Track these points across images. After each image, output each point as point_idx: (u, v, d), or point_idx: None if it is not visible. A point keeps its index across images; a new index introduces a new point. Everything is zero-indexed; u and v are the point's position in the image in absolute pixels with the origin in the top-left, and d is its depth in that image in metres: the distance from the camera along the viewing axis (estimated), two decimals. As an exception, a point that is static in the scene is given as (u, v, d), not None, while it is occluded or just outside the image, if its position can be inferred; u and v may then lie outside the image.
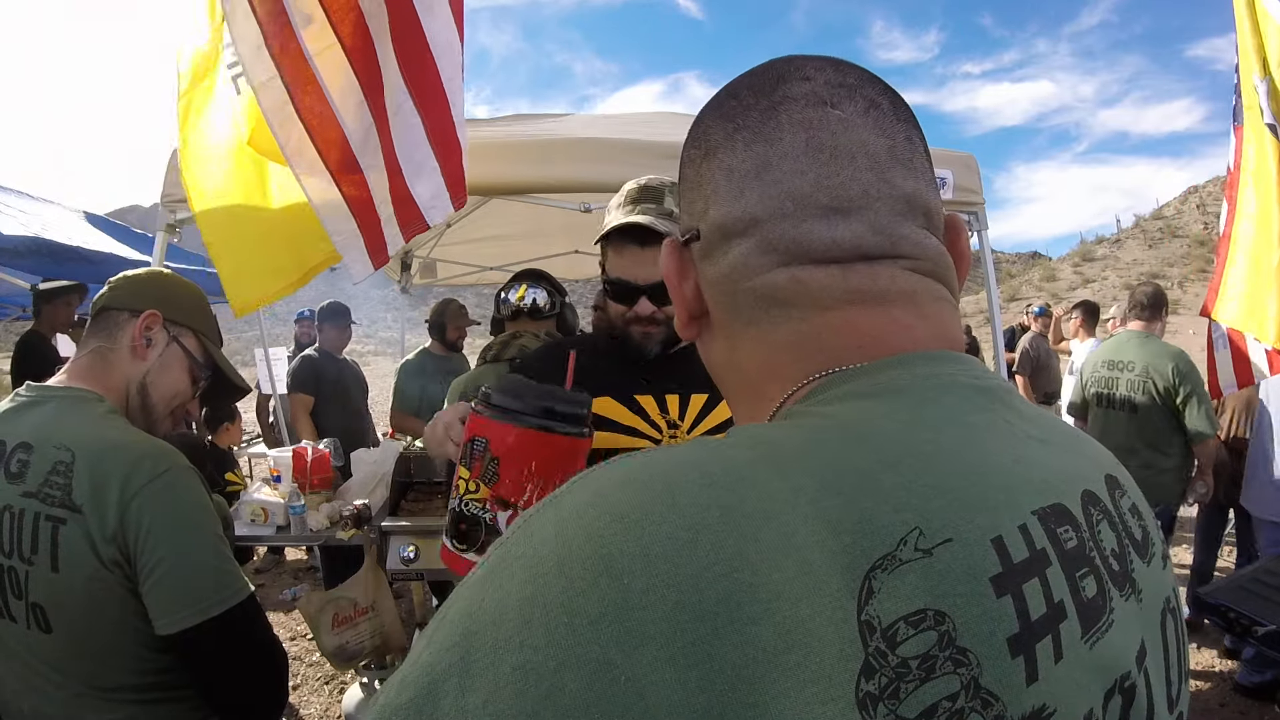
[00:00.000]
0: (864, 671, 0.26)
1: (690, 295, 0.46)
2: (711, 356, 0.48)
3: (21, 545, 0.92)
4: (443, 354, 3.58)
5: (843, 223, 0.40)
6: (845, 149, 0.41)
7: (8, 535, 0.93)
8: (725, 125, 0.43)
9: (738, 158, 0.42)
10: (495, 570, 0.30)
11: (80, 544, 0.91)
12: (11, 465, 0.96)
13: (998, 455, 0.34)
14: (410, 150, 1.71)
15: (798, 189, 0.40)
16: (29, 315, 4.13)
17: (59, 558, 0.92)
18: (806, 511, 0.28)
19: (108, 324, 1.08)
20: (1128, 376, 2.99)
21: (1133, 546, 0.38)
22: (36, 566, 0.92)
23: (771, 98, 0.42)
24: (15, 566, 0.93)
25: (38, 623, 0.93)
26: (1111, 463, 0.42)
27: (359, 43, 1.64)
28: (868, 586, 0.27)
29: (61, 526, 0.92)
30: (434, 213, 1.76)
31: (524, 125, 2.67)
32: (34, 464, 0.95)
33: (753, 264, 0.42)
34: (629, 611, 0.26)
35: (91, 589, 0.92)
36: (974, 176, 2.38)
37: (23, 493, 0.93)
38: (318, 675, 3.16)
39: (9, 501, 0.94)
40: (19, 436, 0.97)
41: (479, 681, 0.26)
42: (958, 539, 0.29)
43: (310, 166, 1.66)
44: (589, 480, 0.32)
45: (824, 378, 0.38)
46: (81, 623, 0.93)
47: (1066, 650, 0.30)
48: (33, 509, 0.93)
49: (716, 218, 0.43)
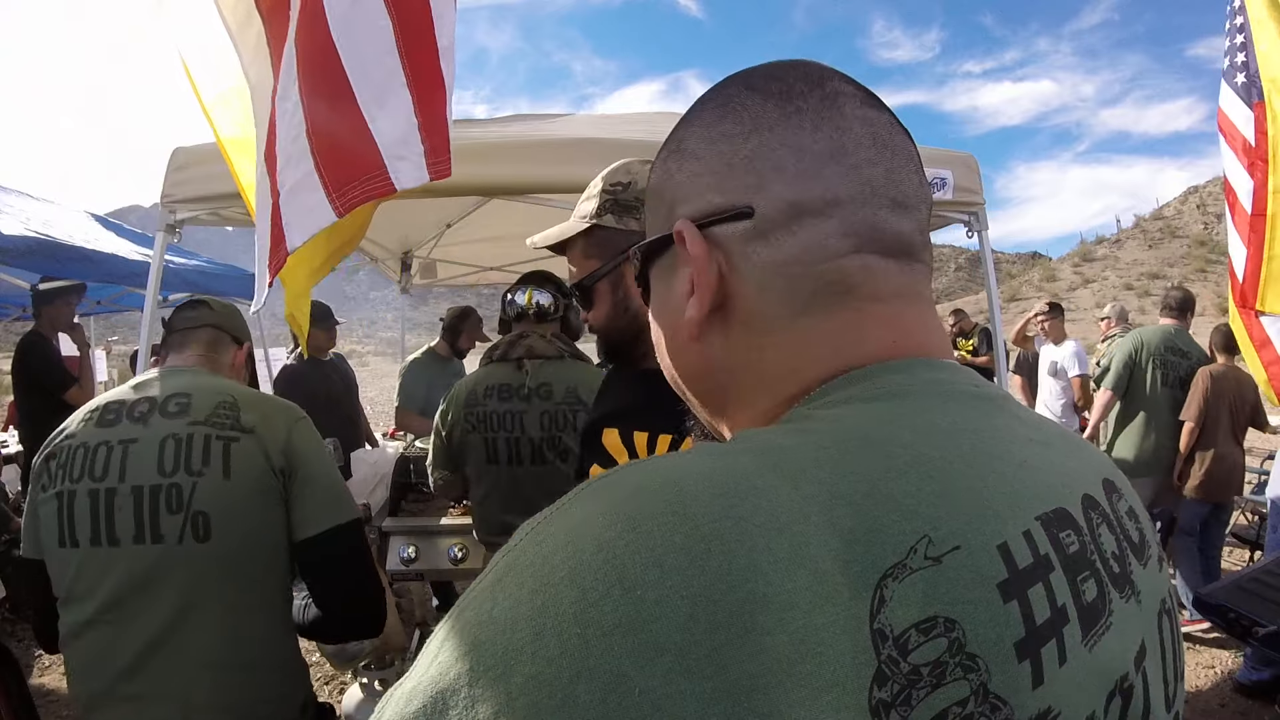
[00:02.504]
0: (877, 679, 0.26)
1: (714, 284, 0.41)
2: (715, 360, 0.43)
3: (191, 461, 1.11)
4: (446, 356, 3.60)
5: (905, 218, 0.42)
6: (900, 150, 0.42)
7: (171, 457, 1.11)
8: (782, 105, 0.41)
9: (807, 138, 0.40)
10: (504, 579, 0.30)
11: (254, 455, 1.14)
12: (170, 407, 1.16)
13: (1002, 460, 0.35)
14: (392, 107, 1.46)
15: (874, 178, 0.41)
16: (29, 315, 4.12)
17: (231, 467, 1.12)
18: (818, 521, 0.29)
19: (215, 342, 1.34)
20: (1186, 363, 3.52)
21: (1131, 549, 0.38)
22: (207, 477, 1.10)
23: (824, 90, 0.42)
24: (178, 482, 1.10)
25: (194, 533, 1.09)
26: (1109, 467, 0.42)
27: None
28: (879, 595, 0.27)
29: (234, 444, 1.13)
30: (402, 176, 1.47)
31: (524, 125, 2.67)
32: (196, 403, 1.16)
33: (832, 246, 0.40)
34: (643, 623, 0.26)
35: (256, 491, 1.13)
36: (974, 176, 2.38)
37: (190, 422, 1.14)
38: (318, 675, 3.16)
39: (173, 430, 1.13)
40: (170, 390, 1.19)
41: (489, 693, 0.26)
42: (965, 546, 0.29)
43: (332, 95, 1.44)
44: (598, 488, 0.32)
45: (834, 379, 0.39)
46: (240, 524, 1.11)
47: (1069, 653, 0.31)
48: (202, 433, 1.13)
49: (786, 193, 0.40)
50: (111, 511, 1.08)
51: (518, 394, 1.92)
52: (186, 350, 1.31)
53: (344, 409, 3.53)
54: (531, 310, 2.01)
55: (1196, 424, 3.32)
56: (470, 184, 1.97)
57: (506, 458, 1.92)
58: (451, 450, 1.99)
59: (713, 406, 0.46)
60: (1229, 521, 3.67)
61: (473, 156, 1.94)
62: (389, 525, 2.35)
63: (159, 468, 1.10)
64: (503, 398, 1.91)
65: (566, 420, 1.89)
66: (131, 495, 1.09)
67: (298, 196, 1.43)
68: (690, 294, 0.42)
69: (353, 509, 1.22)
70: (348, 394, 3.63)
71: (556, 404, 1.90)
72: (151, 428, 1.13)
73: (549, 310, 2.02)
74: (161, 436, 1.12)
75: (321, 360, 3.50)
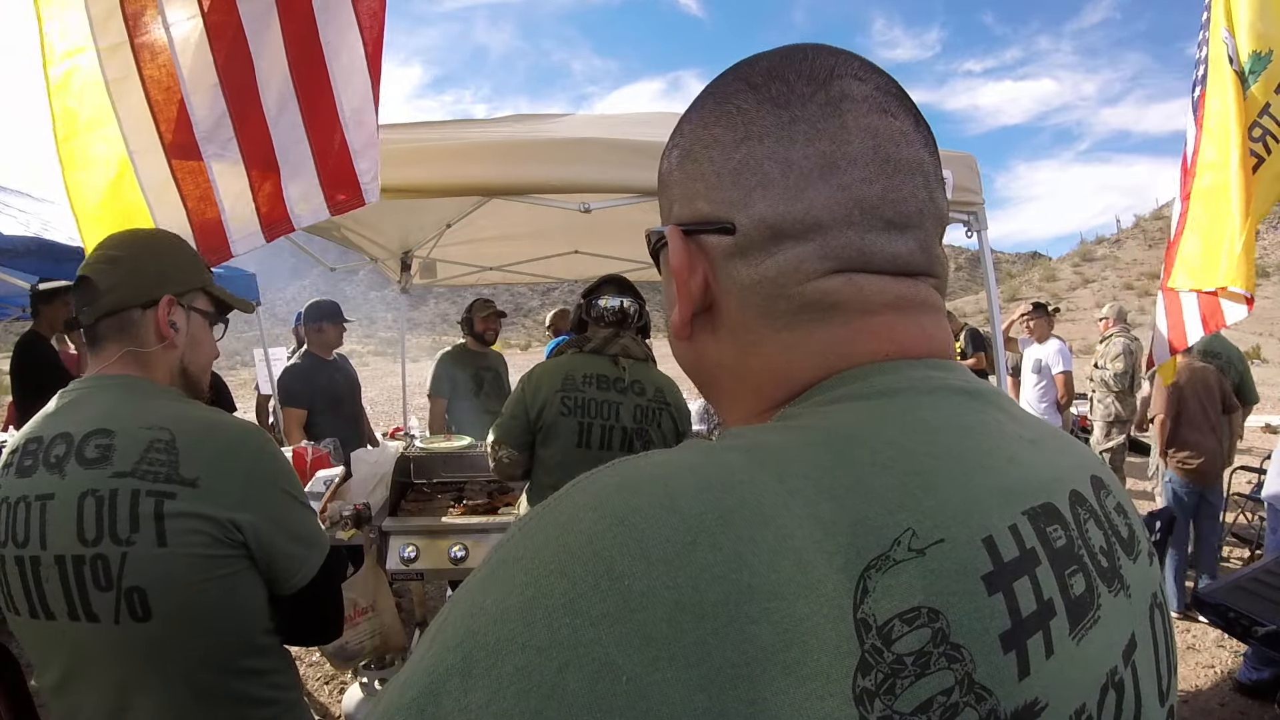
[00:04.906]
0: (860, 668, 0.26)
1: (697, 291, 0.42)
2: (706, 358, 0.45)
3: (116, 527, 0.89)
4: (477, 349, 3.86)
5: (901, 239, 0.40)
6: (907, 164, 0.40)
7: (92, 521, 0.89)
8: (777, 112, 0.39)
9: (798, 151, 0.39)
10: (496, 571, 0.30)
11: (196, 515, 0.91)
12: (89, 451, 0.92)
13: (991, 456, 0.35)
14: (288, 149, 1.61)
15: (866, 198, 0.39)
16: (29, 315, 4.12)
17: (167, 532, 0.89)
18: (802, 514, 0.29)
19: (123, 327, 1.03)
20: (1218, 363, 3.93)
21: (1120, 544, 0.39)
22: (138, 545, 0.89)
23: (828, 92, 0.39)
24: (104, 553, 0.89)
25: (131, 611, 0.90)
26: (1097, 463, 0.43)
27: (222, 20, 1.54)
28: (863, 585, 0.27)
29: (168, 501, 0.90)
30: (302, 216, 1.64)
31: (523, 125, 2.67)
32: (120, 445, 0.92)
33: (808, 268, 0.39)
34: (630, 613, 0.26)
35: (201, 558, 0.91)
36: (974, 176, 2.38)
37: (113, 474, 0.90)
38: (318, 675, 3.16)
39: (92, 485, 0.90)
40: (90, 425, 0.94)
41: (481, 681, 0.26)
42: (949, 539, 0.30)
43: (148, 146, 1.57)
44: (588, 484, 0.33)
45: (824, 380, 0.39)
46: (184, 595, 0.91)
47: (1056, 646, 0.31)
48: (129, 488, 0.90)
49: (767, 214, 0.39)
50: (40, 583, 0.90)
51: (615, 385, 2.01)
52: (102, 351, 1.03)
53: (347, 408, 3.56)
54: (621, 315, 2.07)
55: (1166, 416, 3.67)
56: (470, 184, 1.97)
57: (599, 443, 1.98)
58: (535, 429, 2.02)
59: (711, 398, 0.47)
60: (1217, 505, 3.79)
61: (472, 156, 1.95)
62: (389, 525, 2.35)
63: (79, 534, 0.89)
64: (601, 387, 2.00)
65: (654, 416, 2.02)
66: (56, 566, 0.89)
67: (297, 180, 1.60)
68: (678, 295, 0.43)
69: (323, 540, 1.07)
70: (351, 394, 3.66)
71: (648, 400, 2.02)
72: (68, 480, 0.91)
73: (633, 317, 2.09)
74: (79, 493, 0.90)
75: (325, 360, 3.52)
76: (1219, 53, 2.59)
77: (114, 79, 1.55)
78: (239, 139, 1.61)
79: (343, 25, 1.57)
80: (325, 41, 1.58)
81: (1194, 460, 3.62)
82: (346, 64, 1.59)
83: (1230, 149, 2.54)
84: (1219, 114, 2.61)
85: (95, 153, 1.65)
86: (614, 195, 2.08)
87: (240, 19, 1.55)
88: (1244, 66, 2.54)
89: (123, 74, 1.55)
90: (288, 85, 1.60)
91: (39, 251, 3.24)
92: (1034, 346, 4.72)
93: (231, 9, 1.54)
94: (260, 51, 1.58)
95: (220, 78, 1.57)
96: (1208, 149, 2.67)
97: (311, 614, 1.07)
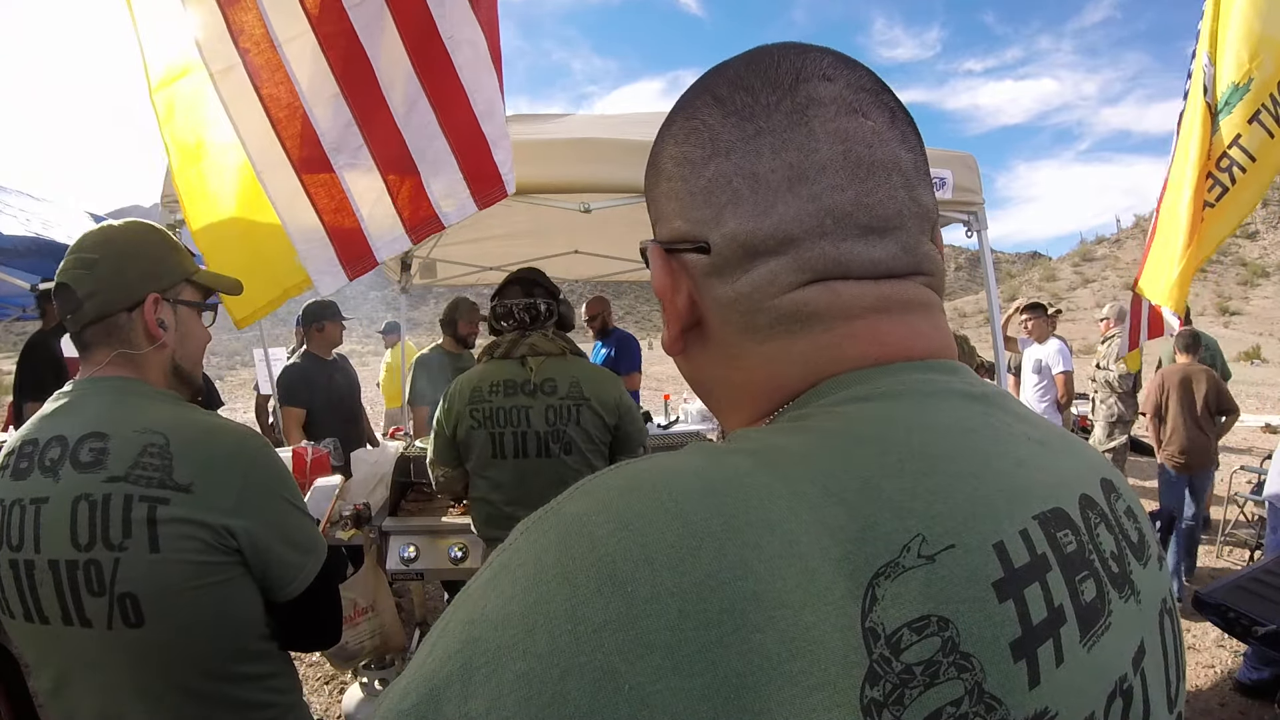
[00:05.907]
0: (868, 678, 0.26)
1: (684, 308, 0.42)
2: (702, 370, 0.45)
3: (109, 532, 0.88)
4: (455, 350, 3.69)
5: (879, 243, 0.39)
6: (881, 165, 0.39)
7: (85, 525, 0.88)
8: (741, 125, 0.39)
9: (764, 164, 0.38)
10: (498, 576, 0.30)
11: (190, 521, 0.90)
12: (83, 454, 0.92)
13: (999, 459, 0.34)
14: (424, 147, 1.61)
15: (838, 206, 0.38)
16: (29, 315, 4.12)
17: (160, 538, 0.89)
18: (809, 519, 0.28)
19: (111, 331, 1.01)
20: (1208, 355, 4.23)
21: (1130, 549, 0.38)
22: (130, 551, 0.88)
23: (794, 98, 0.39)
24: (97, 558, 0.88)
25: (124, 617, 0.89)
26: (1106, 466, 0.42)
27: (334, 29, 1.53)
28: (871, 594, 0.27)
29: (161, 506, 0.89)
30: (450, 214, 1.65)
31: (523, 125, 2.67)
32: (115, 449, 0.91)
33: (782, 281, 0.39)
34: (633, 620, 0.26)
35: (195, 564, 0.90)
36: (973, 176, 2.37)
37: (107, 478, 0.90)
38: (318, 675, 3.16)
39: (85, 490, 0.89)
40: (84, 428, 0.94)
41: (482, 689, 0.26)
42: (960, 545, 0.29)
43: (275, 164, 1.56)
44: (591, 488, 0.32)
45: (823, 382, 0.38)
46: (177, 601, 0.90)
47: (1066, 654, 0.30)
48: (122, 493, 0.89)
49: (738, 232, 0.39)
50: (35, 587, 0.90)
51: (522, 389, 1.94)
52: (93, 356, 1.02)
53: (346, 408, 3.56)
54: (529, 313, 2.02)
55: (1152, 413, 3.92)
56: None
57: (513, 452, 1.94)
58: (455, 445, 2.00)
59: (711, 408, 0.47)
60: (1203, 491, 3.94)
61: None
62: (389, 525, 2.35)
63: (72, 539, 0.89)
64: (508, 393, 1.94)
65: (570, 414, 1.93)
66: (50, 570, 0.89)
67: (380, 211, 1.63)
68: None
69: (321, 546, 1.06)
70: (350, 394, 3.64)
71: (560, 399, 1.94)
72: (62, 483, 0.90)
73: (543, 315, 2.03)
74: (73, 497, 0.89)
75: (325, 359, 3.51)
76: (1198, 80, 2.61)
77: (231, 100, 1.55)
78: (369, 145, 1.60)
79: (460, 20, 1.57)
80: (446, 37, 1.57)
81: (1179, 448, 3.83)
82: (471, 58, 1.58)
83: (1185, 181, 2.61)
84: (1184, 142, 2.68)
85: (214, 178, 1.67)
86: (614, 195, 2.08)
87: (352, 25, 1.54)
88: (1219, 100, 2.56)
89: (239, 95, 1.54)
90: (414, 84, 1.58)
91: (39, 251, 3.24)
92: (1034, 346, 4.71)
93: (342, 17, 1.54)
94: (378, 55, 1.57)
95: (341, 86, 1.56)
96: (1177, 169, 2.73)
97: (309, 620, 1.06)
